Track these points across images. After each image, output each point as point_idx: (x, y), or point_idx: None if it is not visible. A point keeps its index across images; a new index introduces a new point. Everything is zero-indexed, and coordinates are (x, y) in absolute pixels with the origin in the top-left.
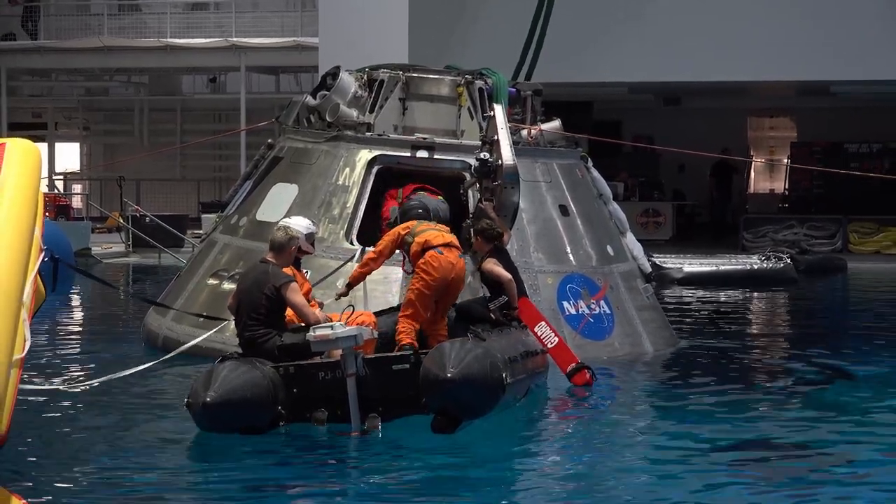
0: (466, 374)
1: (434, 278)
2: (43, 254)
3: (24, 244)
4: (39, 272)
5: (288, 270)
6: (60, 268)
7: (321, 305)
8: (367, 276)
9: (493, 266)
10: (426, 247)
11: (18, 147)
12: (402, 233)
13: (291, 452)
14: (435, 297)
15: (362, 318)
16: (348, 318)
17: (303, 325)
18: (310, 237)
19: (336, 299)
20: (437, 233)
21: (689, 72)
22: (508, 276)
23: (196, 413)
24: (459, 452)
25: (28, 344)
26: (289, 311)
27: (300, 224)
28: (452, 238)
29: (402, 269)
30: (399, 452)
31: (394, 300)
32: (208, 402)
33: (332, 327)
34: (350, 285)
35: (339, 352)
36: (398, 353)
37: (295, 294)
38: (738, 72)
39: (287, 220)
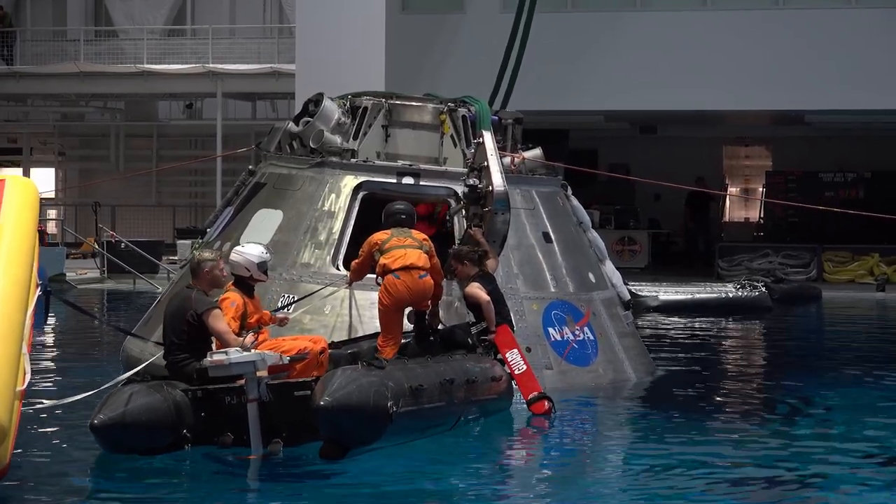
0: (343, 403)
1: (388, 302)
2: (39, 288)
3: (26, 279)
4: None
5: (236, 297)
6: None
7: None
8: (357, 300)
9: (475, 289)
10: (385, 270)
11: (18, 185)
12: (373, 250)
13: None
14: (398, 315)
15: (306, 343)
16: (253, 342)
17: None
18: (262, 265)
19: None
20: (401, 251)
21: (665, 100)
22: (487, 298)
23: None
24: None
25: (28, 376)
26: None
27: (252, 252)
28: (416, 258)
29: (376, 282)
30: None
31: None
32: (95, 424)
33: (226, 353)
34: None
35: (264, 373)
36: (300, 380)
37: (216, 320)
38: (714, 101)
39: (240, 247)
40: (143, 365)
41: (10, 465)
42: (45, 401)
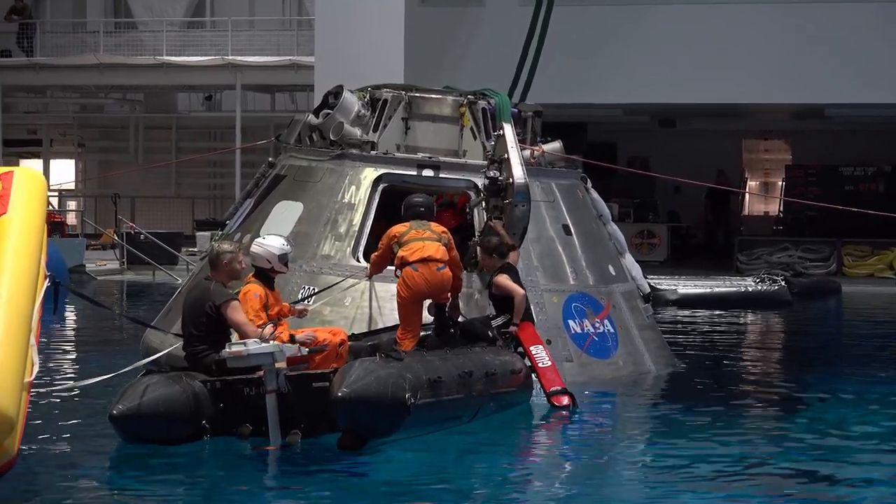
0: (360, 394)
1: (406, 295)
2: (47, 279)
3: (34, 271)
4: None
5: (259, 288)
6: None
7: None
8: (377, 292)
9: (507, 281)
10: (403, 262)
11: (26, 176)
12: (392, 243)
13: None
14: (417, 307)
15: (326, 335)
16: (272, 333)
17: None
18: (283, 257)
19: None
20: (420, 244)
21: (684, 93)
22: (522, 292)
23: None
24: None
25: (36, 368)
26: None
27: (273, 244)
28: (434, 250)
29: (395, 274)
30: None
31: None
32: (114, 414)
33: (244, 344)
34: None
35: (283, 364)
36: (318, 371)
37: (235, 312)
38: (734, 94)
39: (261, 238)
40: (162, 353)
41: (17, 456)
42: (64, 383)
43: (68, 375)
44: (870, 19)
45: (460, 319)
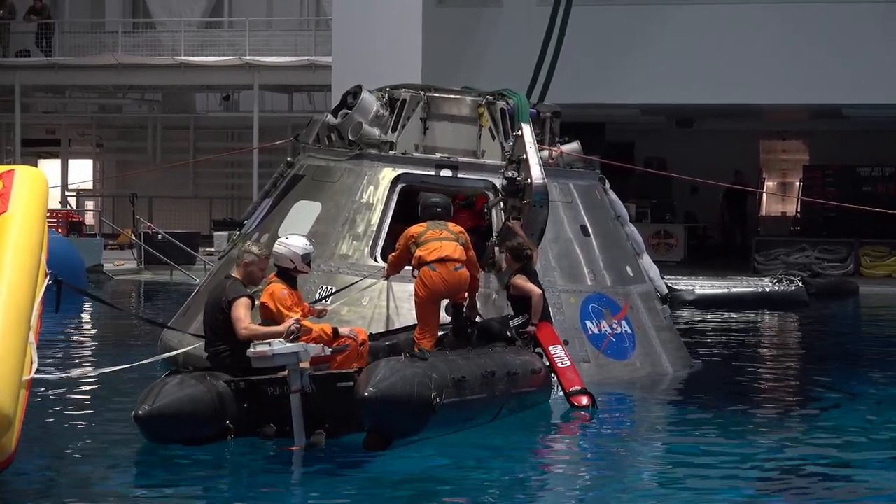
0: (387, 394)
1: (424, 295)
2: (48, 277)
3: (34, 269)
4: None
5: (284, 287)
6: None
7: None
8: (394, 292)
9: (524, 282)
10: (421, 262)
11: (27, 174)
12: (409, 243)
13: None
14: (434, 307)
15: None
16: (298, 323)
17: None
18: (306, 257)
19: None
20: (437, 244)
21: (701, 94)
22: (539, 291)
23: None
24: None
25: (35, 366)
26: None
27: (297, 244)
28: (451, 250)
29: (412, 274)
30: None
31: None
32: (139, 414)
33: (269, 344)
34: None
35: (307, 364)
36: (343, 371)
37: (237, 307)
38: (751, 94)
39: (284, 238)
40: (182, 350)
41: (15, 453)
42: (80, 370)
43: (84, 372)
44: (888, 20)
45: (478, 319)
